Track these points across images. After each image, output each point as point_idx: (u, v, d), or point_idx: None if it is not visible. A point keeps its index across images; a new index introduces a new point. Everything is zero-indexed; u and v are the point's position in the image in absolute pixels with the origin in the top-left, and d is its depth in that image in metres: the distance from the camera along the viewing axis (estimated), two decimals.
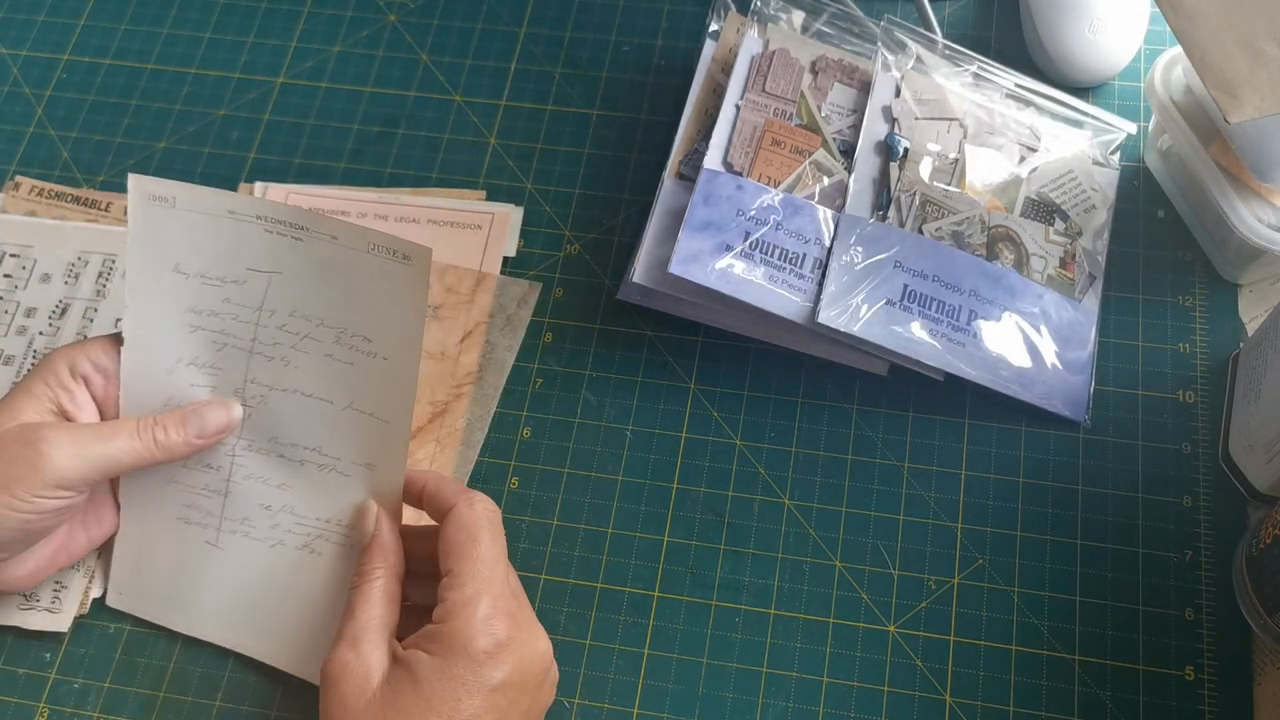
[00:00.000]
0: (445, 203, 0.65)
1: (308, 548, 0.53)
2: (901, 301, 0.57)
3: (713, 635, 0.54)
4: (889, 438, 0.58)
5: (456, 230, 0.64)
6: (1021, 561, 0.55)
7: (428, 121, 0.68)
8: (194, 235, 0.51)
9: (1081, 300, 0.59)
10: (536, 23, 0.71)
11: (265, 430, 0.53)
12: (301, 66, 0.70)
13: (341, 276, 0.50)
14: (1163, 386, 0.58)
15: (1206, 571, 0.54)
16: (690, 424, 0.59)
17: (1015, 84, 0.64)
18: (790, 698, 0.53)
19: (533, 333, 0.61)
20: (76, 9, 0.73)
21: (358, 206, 0.65)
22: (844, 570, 0.55)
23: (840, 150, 0.61)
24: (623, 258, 0.63)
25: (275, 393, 0.52)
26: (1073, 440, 0.57)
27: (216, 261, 0.52)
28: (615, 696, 0.53)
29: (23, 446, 0.48)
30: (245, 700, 0.54)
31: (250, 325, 0.52)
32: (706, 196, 0.58)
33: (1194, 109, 0.58)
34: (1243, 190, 0.56)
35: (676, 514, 0.57)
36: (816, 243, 0.58)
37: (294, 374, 0.52)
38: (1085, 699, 0.52)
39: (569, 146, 0.67)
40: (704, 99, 0.63)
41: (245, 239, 0.51)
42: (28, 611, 0.55)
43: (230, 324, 0.52)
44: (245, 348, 0.52)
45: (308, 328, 0.51)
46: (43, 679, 0.55)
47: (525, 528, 0.57)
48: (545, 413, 0.60)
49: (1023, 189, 0.61)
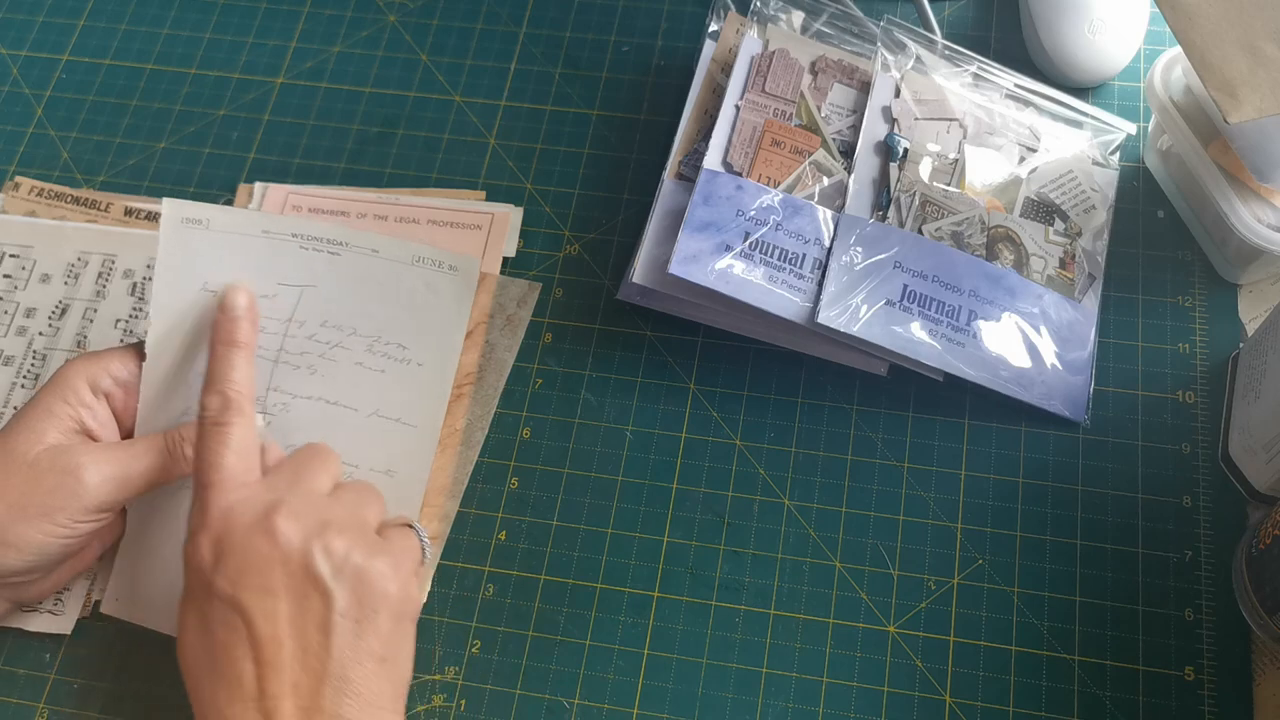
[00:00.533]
0: (445, 203, 0.65)
1: None
2: (901, 302, 0.57)
3: (713, 635, 0.54)
4: (889, 438, 0.58)
5: (456, 231, 0.64)
6: (1021, 562, 0.55)
7: (427, 122, 0.68)
8: (225, 254, 0.52)
9: (1081, 300, 0.59)
10: (536, 23, 0.71)
11: (284, 437, 0.53)
12: (301, 67, 0.70)
13: (381, 288, 0.51)
14: (1162, 387, 0.58)
15: (1206, 572, 0.54)
16: (690, 424, 0.59)
17: (1015, 84, 0.64)
18: (790, 698, 0.53)
19: (532, 333, 0.61)
20: (76, 9, 0.73)
21: (357, 207, 0.65)
22: (844, 570, 0.55)
23: (840, 150, 0.61)
24: (622, 258, 0.63)
25: (298, 400, 0.52)
26: (1072, 440, 0.57)
27: (246, 277, 0.52)
28: (615, 697, 0.53)
29: (61, 475, 0.49)
30: None
31: (278, 336, 0.52)
32: (706, 197, 0.58)
33: (1194, 109, 0.58)
34: (1242, 190, 0.56)
35: (676, 514, 0.57)
36: (816, 243, 0.58)
37: (319, 382, 0.52)
38: (1085, 699, 0.52)
39: (569, 147, 0.67)
40: (704, 99, 0.63)
41: (279, 255, 0.51)
42: (30, 614, 0.55)
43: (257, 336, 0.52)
44: (270, 357, 0.53)
45: (338, 337, 0.52)
46: (43, 679, 0.55)
47: (525, 528, 0.57)
48: (545, 413, 0.60)
49: (1022, 189, 0.61)
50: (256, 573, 0.45)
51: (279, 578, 0.45)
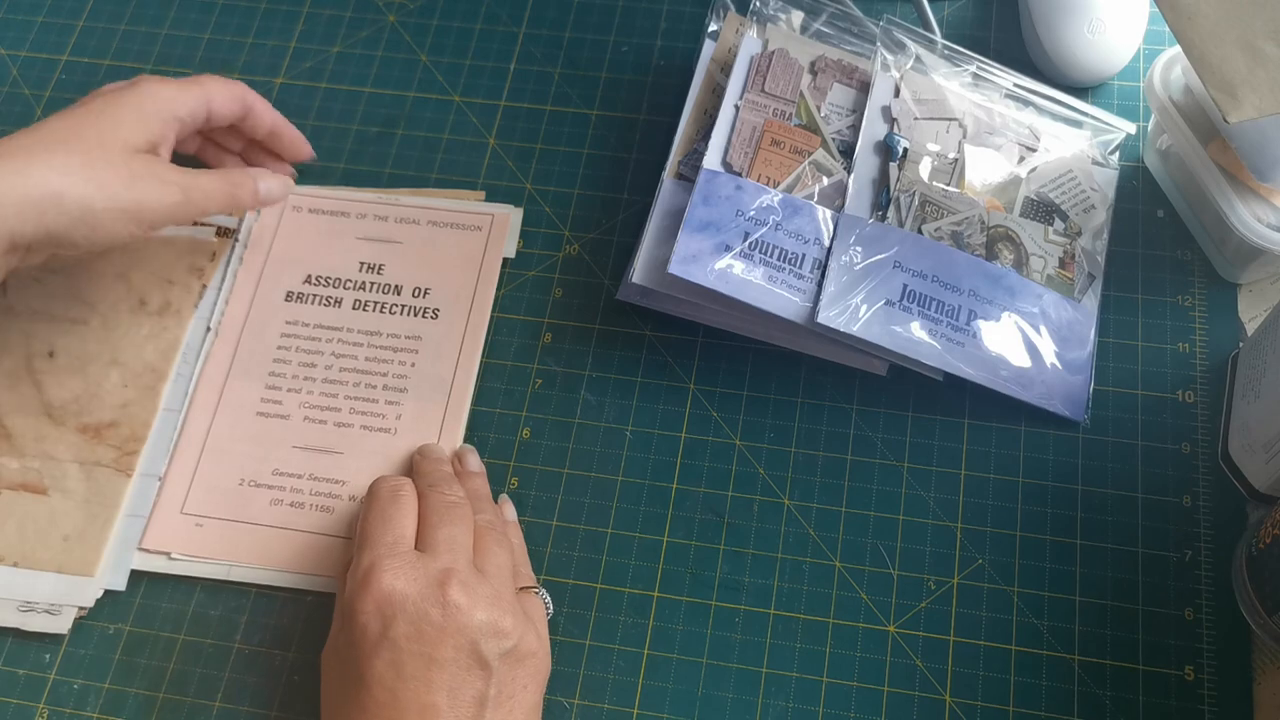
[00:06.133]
0: (445, 204, 0.65)
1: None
2: (901, 301, 0.57)
3: (712, 635, 0.54)
4: (888, 438, 0.58)
5: (456, 231, 0.64)
6: (1021, 561, 0.55)
7: (427, 122, 0.68)
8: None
9: (1081, 300, 0.59)
10: (536, 23, 0.71)
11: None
12: (301, 67, 0.70)
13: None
14: (1162, 386, 0.58)
15: (1206, 571, 0.54)
16: (690, 424, 0.59)
17: (1014, 84, 0.64)
18: (790, 698, 0.53)
19: (532, 333, 0.62)
20: (76, 9, 0.73)
21: (357, 207, 0.65)
22: (843, 570, 0.55)
23: (839, 150, 0.61)
24: (622, 258, 0.63)
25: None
26: (1072, 440, 0.57)
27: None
28: (615, 697, 0.53)
29: (156, 181, 0.54)
30: (245, 701, 0.54)
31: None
32: (706, 197, 0.58)
33: (1193, 109, 0.58)
34: (1242, 190, 0.56)
35: (676, 514, 0.57)
36: (816, 243, 0.58)
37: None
38: (1085, 699, 0.52)
39: (568, 147, 0.67)
40: (703, 99, 0.63)
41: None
42: (27, 614, 0.55)
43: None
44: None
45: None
46: (42, 679, 0.55)
47: (525, 528, 0.57)
48: (545, 413, 0.60)
49: (1022, 189, 0.61)
50: (426, 641, 0.46)
51: (447, 650, 0.46)
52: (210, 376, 0.60)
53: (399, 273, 0.63)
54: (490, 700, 0.46)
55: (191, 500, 0.57)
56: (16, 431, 0.59)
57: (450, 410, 0.59)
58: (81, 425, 0.59)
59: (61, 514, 0.57)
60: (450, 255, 0.63)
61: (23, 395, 0.60)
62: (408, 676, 0.45)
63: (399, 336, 0.61)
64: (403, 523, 0.50)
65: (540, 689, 0.48)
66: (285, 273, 0.63)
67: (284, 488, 0.57)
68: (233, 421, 0.59)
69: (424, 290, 0.62)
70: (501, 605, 0.47)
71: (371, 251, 0.63)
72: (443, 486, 0.52)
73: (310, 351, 0.61)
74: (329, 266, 0.63)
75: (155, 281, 0.63)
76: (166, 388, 0.60)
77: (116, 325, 0.61)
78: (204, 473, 0.58)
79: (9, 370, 0.60)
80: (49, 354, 0.61)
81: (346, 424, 0.59)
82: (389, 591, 0.46)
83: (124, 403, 0.59)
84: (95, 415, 0.59)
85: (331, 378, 0.60)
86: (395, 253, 0.63)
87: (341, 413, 0.59)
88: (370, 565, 0.48)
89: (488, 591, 0.48)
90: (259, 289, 0.62)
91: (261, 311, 0.62)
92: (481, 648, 0.46)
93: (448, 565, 0.48)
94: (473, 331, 0.61)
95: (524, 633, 0.48)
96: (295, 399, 0.59)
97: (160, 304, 0.62)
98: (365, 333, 0.61)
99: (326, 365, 0.60)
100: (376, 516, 0.50)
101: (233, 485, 0.58)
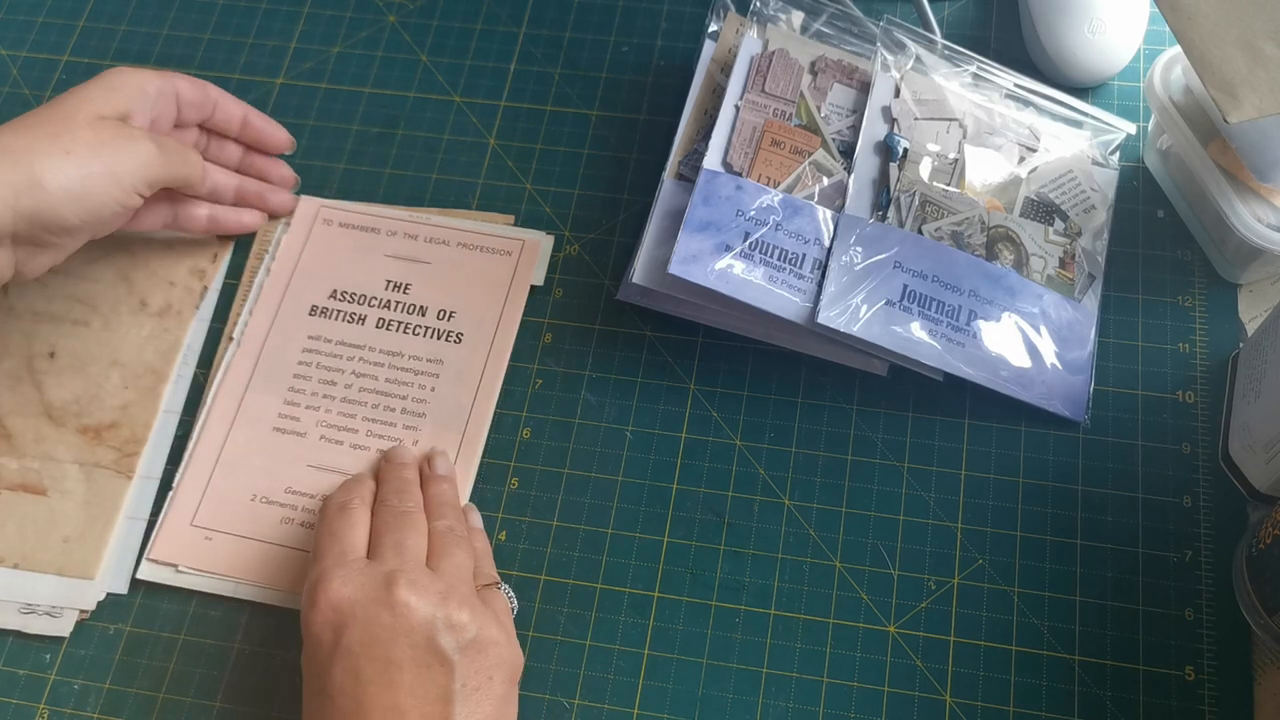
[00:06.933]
0: (475, 226, 0.64)
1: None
2: (901, 302, 0.57)
3: (713, 636, 0.54)
4: (888, 438, 0.58)
5: (485, 255, 0.63)
6: (1021, 561, 0.55)
7: (427, 122, 0.68)
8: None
9: (1081, 300, 0.59)
10: (536, 23, 0.71)
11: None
12: (301, 67, 0.70)
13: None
14: (1162, 386, 0.58)
15: (1206, 571, 0.54)
16: (690, 424, 0.59)
17: (1014, 84, 0.64)
18: (790, 698, 0.53)
19: (533, 333, 0.62)
20: (76, 9, 0.73)
21: (388, 224, 0.64)
22: (844, 570, 0.55)
23: (840, 150, 0.61)
24: (622, 258, 0.63)
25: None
26: (1072, 440, 0.57)
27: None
28: (615, 697, 0.53)
29: (127, 140, 0.54)
30: (244, 702, 0.54)
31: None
32: (706, 197, 0.58)
33: (1193, 109, 0.58)
34: (1242, 190, 0.56)
35: (676, 514, 0.57)
36: (816, 243, 0.58)
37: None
38: (1085, 699, 0.52)
39: (568, 147, 0.67)
40: (703, 99, 0.63)
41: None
42: (28, 616, 0.55)
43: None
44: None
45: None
46: (43, 680, 0.55)
47: (525, 528, 0.57)
48: (545, 413, 0.60)
49: (1022, 189, 0.61)
50: (379, 644, 0.46)
51: (403, 649, 0.46)
52: (230, 387, 0.60)
53: (425, 293, 0.62)
54: (456, 695, 0.46)
55: (203, 513, 0.57)
56: (16, 432, 0.59)
57: (467, 439, 0.58)
58: (82, 426, 0.59)
59: (61, 515, 0.57)
60: (478, 279, 0.62)
61: (23, 396, 0.60)
62: (367, 681, 0.45)
63: (420, 359, 0.60)
64: (349, 535, 0.50)
65: (507, 679, 0.48)
66: (311, 286, 0.62)
67: (296, 506, 0.57)
68: (249, 435, 0.59)
69: (449, 313, 0.61)
70: (454, 600, 0.47)
71: (399, 270, 0.63)
72: (394, 498, 0.53)
73: (331, 369, 0.60)
74: (355, 282, 0.63)
75: (156, 283, 0.63)
76: (167, 389, 0.60)
77: (117, 326, 0.61)
78: (217, 485, 0.58)
79: (9, 371, 0.60)
80: (50, 355, 0.61)
81: (363, 446, 0.58)
82: (337, 600, 0.47)
83: (124, 404, 0.59)
84: (95, 416, 0.59)
85: (351, 397, 0.59)
86: (423, 273, 0.63)
87: (359, 434, 0.59)
88: (318, 577, 0.48)
89: (439, 588, 0.48)
90: (284, 301, 0.62)
91: (285, 324, 0.61)
92: (440, 643, 0.46)
93: (394, 568, 0.48)
94: (495, 358, 0.60)
95: (484, 624, 0.48)
96: (313, 417, 0.59)
97: (161, 305, 0.62)
98: (387, 353, 0.61)
99: (346, 384, 0.60)
100: (324, 532, 0.51)
101: (245, 500, 0.57)
